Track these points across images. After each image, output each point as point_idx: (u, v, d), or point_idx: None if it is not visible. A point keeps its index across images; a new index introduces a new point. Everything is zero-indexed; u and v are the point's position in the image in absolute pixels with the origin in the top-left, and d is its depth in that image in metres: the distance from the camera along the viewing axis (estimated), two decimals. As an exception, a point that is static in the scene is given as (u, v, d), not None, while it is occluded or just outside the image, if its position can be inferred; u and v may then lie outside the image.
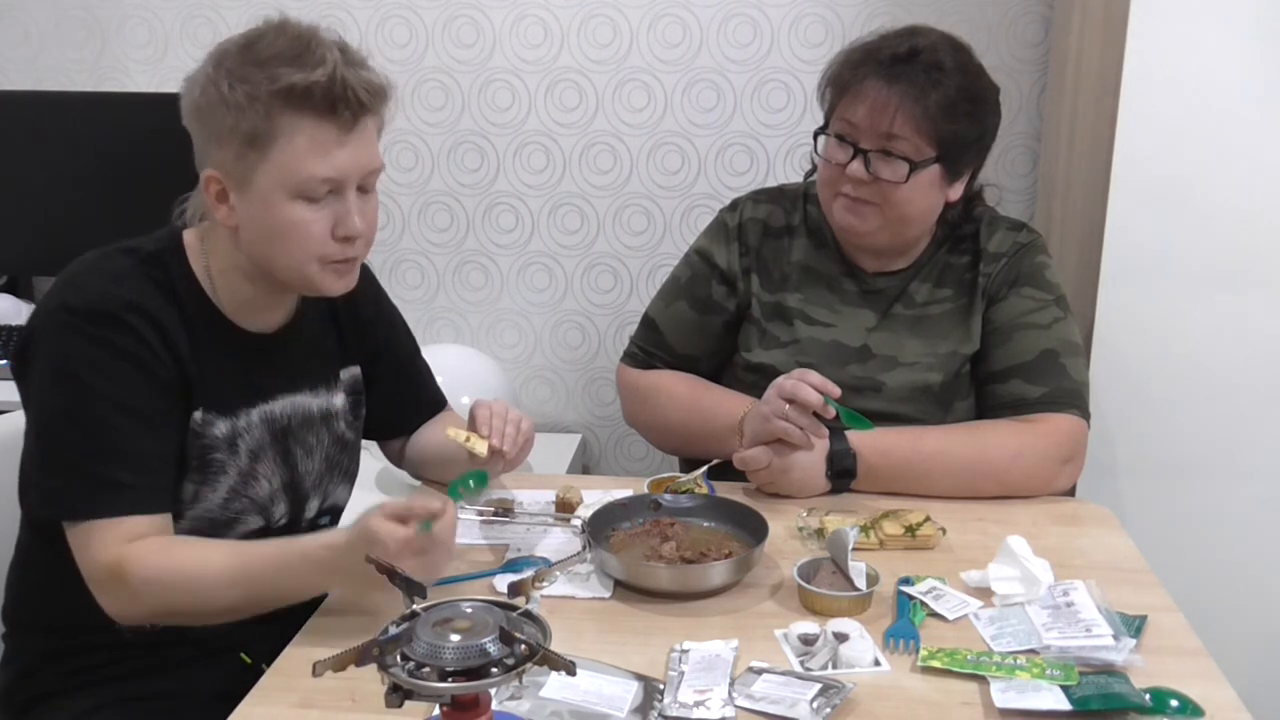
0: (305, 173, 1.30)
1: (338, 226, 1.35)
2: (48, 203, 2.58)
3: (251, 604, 1.34)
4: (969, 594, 1.39)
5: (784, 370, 1.68)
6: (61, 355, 1.33)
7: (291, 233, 1.33)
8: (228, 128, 1.30)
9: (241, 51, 1.31)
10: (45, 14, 2.68)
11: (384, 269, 2.71)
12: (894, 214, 1.69)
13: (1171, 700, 1.17)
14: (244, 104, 1.28)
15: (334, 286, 1.40)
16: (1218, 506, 2.12)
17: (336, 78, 1.29)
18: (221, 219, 1.36)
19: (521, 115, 2.62)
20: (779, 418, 1.60)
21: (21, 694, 1.47)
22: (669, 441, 1.91)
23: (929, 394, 1.75)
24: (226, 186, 1.34)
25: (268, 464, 1.46)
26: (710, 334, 1.86)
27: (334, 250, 1.36)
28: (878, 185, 1.67)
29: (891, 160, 1.65)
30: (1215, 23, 1.96)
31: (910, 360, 1.76)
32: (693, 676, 1.21)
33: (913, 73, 1.64)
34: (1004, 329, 1.76)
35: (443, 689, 0.95)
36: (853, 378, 1.73)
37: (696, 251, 1.88)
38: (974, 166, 1.76)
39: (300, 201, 1.32)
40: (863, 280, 1.81)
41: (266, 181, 1.31)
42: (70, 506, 1.34)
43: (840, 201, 1.71)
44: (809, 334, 1.78)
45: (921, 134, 1.64)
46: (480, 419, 1.55)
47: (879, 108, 1.64)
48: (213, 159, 1.34)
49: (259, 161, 1.31)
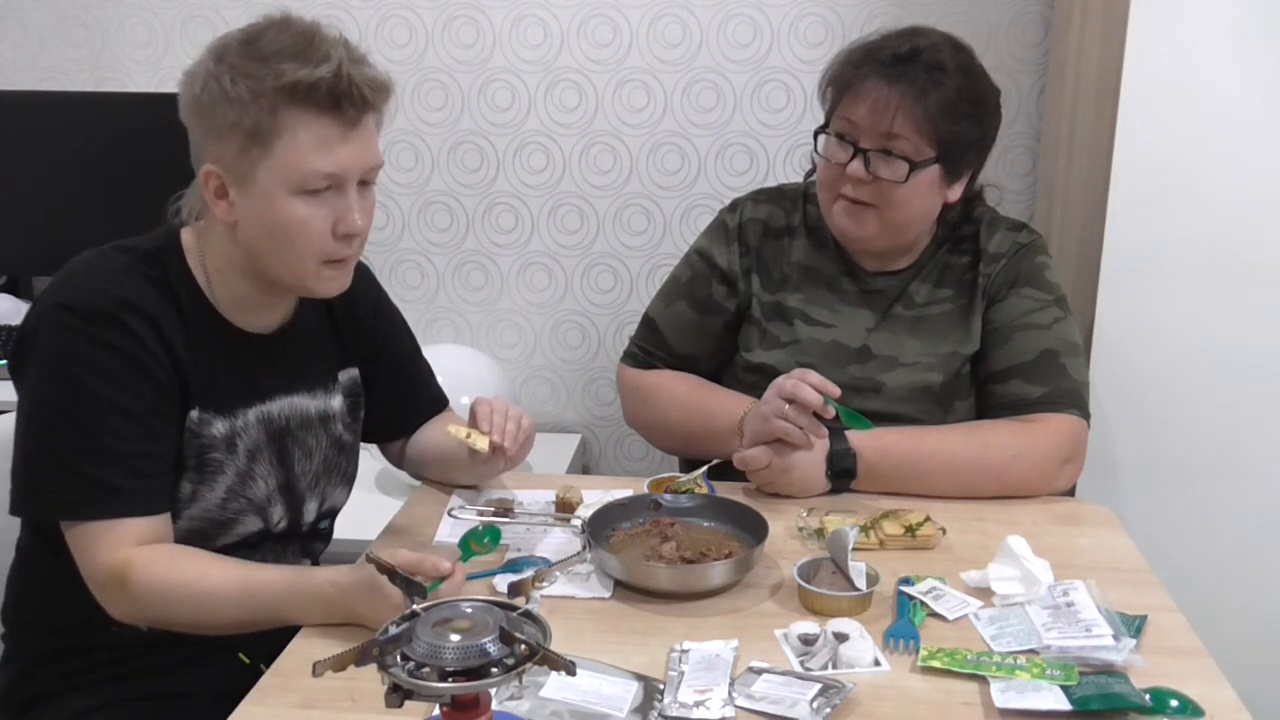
0: (308, 168, 1.30)
1: (338, 224, 1.34)
2: (48, 203, 2.58)
3: (251, 624, 1.34)
4: (969, 594, 1.39)
5: (784, 370, 1.68)
6: (55, 354, 1.32)
7: (292, 230, 1.33)
8: (230, 123, 1.29)
9: (243, 47, 1.30)
10: (45, 14, 2.68)
11: (384, 269, 2.71)
12: (892, 216, 1.69)
13: (1171, 700, 1.17)
14: (247, 99, 1.28)
15: (329, 288, 1.40)
16: (1218, 506, 2.12)
17: (342, 74, 1.29)
18: (220, 215, 1.36)
19: (521, 115, 2.62)
20: (779, 417, 1.60)
21: (21, 694, 1.47)
22: (670, 442, 1.91)
23: (929, 394, 1.75)
24: (226, 182, 1.33)
25: (264, 464, 1.46)
26: (710, 334, 1.86)
27: (333, 248, 1.36)
28: (877, 185, 1.67)
29: (891, 160, 1.65)
30: (1215, 23, 1.96)
31: (910, 360, 1.76)
32: (693, 676, 1.21)
33: (914, 72, 1.64)
34: (1004, 329, 1.76)
35: (443, 689, 0.95)
36: (852, 378, 1.73)
37: (696, 252, 1.88)
38: (974, 168, 1.76)
39: (301, 198, 1.32)
40: (862, 280, 1.81)
41: (269, 177, 1.31)
42: (62, 508, 1.34)
43: (840, 205, 1.72)
44: (809, 334, 1.78)
45: (921, 134, 1.64)
46: (481, 415, 1.55)
47: (879, 107, 1.64)
48: (212, 154, 1.33)
49: (261, 157, 1.30)
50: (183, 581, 1.32)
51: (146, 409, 1.34)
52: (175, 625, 1.37)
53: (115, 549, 1.31)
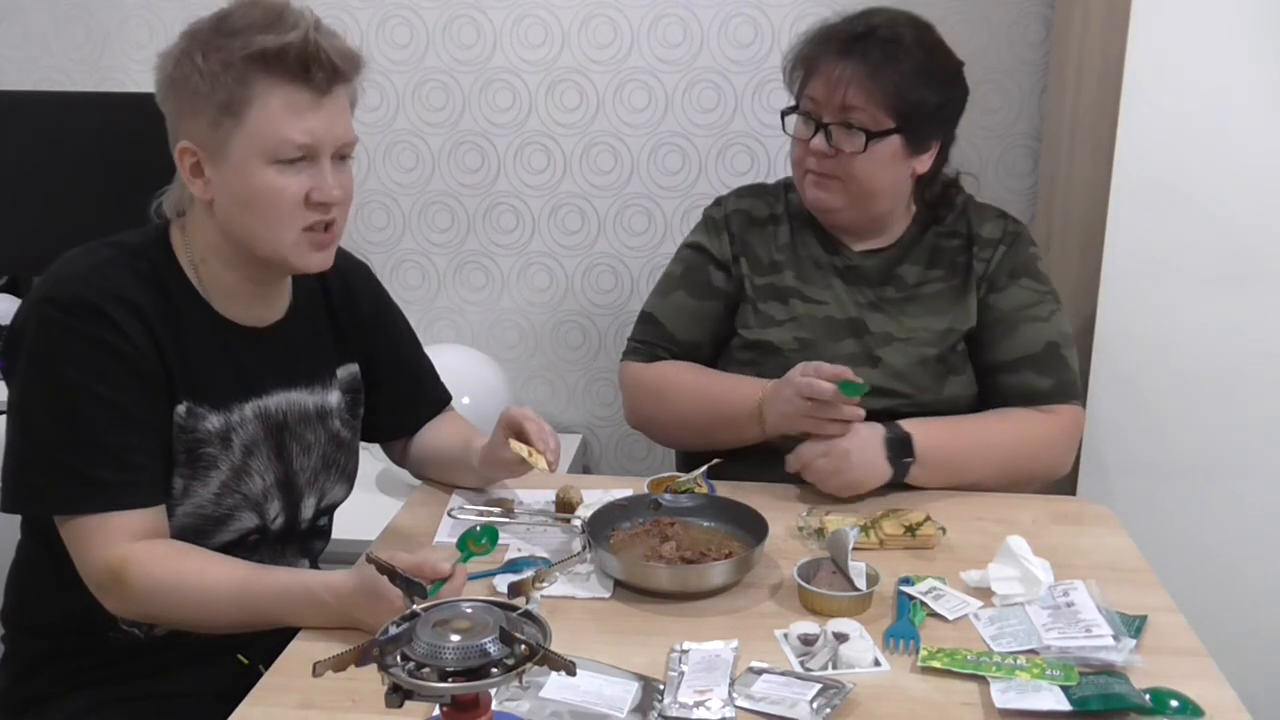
0: (280, 136, 1.31)
1: (313, 192, 1.35)
2: (48, 203, 2.58)
3: (249, 625, 1.34)
4: (969, 594, 1.39)
5: (782, 346, 1.70)
6: (41, 348, 1.32)
7: (267, 199, 1.33)
8: (202, 96, 1.31)
9: (214, 24, 1.33)
10: (45, 14, 2.68)
11: (384, 269, 2.71)
12: (857, 187, 1.75)
13: (1171, 700, 1.16)
14: (218, 71, 1.30)
15: (309, 262, 1.39)
16: (1218, 506, 2.12)
17: (310, 40, 1.31)
18: (197, 194, 1.36)
19: (522, 115, 2.62)
20: (806, 416, 1.61)
21: (21, 694, 1.47)
22: (681, 433, 1.90)
23: (925, 368, 1.77)
24: (201, 159, 1.34)
25: (261, 459, 1.46)
26: (711, 318, 1.87)
27: (308, 217, 1.36)
28: (839, 158, 1.73)
29: (850, 132, 1.71)
30: (1217, 23, 1.96)
31: (905, 336, 1.79)
32: (693, 677, 1.21)
33: (867, 47, 1.71)
34: (1008, 320, 1.79)
35: (443, 689, 0.95)
36: (849, 353, 1.76)
37: (688, 246, 1.92)
38: (940, 139, 1.80)
39: (275, 167, 1.33)
40: (849, 258, 1.84)
41: (242, 148, 1.32)
42: (51, 503, 1.34)
43: (809, 179, 1.78)
44: (805, 310, 1.81)
45: (875, 103, 1.70)
46: (533, 434, 1.54)
47: (834, 81, 1.71)
48: (186, 131, 1.34)
49: (234, 129, 1.31)
50: (180, 581, 1.32)
51: (133, 402, 1.33)
52: (172, 623, 1.37)
53: (110, 545, 1.31)
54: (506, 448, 1.53)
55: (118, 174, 2.52)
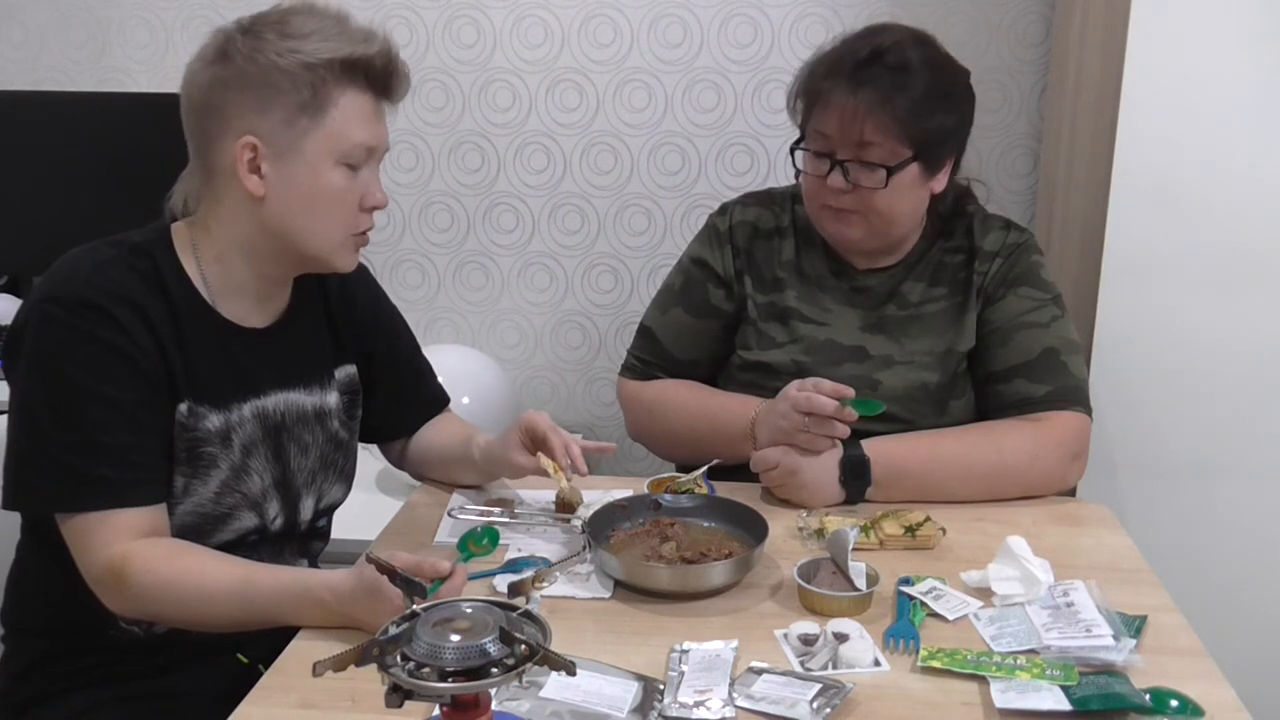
0: (354, 139, 1.37)
1: (365, 198, 1.41)
2: (48, 203, 2.59)
3: (248, 624, 1.34)
4: (969, 594, 1.39)
5: (781, 368, 1.67)
6: (41, 346, 1.32)
7: (331, 198, 1.38)
8: (282, 93, 1.33)
9: (275, 27, 1.35)
10: (45, 14, 2.68)
11: (384, 269, 2.71)
12: (879, 218, 1.70)
13: (1171, 700, 1.16)
14: (299, 71, 1.33)
15: (349, 262, 1.46)
16: (1218, 506, 2.12)
17: (392, 54, 1.39)
18: (251, 189, 1.36)
19: (522, 115, 2.62)
20: (799, 430, 1.60)
21: (21, 694, 1.47)
22: (678, 451, 1.89)
23: (925, 393, 1.74)
24: (261, 155, 1.35)
25: (260, 460, 1.46)
26: (709, 337, 1.86)
27: (361, 221, 1.42)
28: (858, 193, 1.67)
29: (868, 167, 1.65)
30: (1216, 24, 1.96)
31: (906, 359, 1.76)
32: (693, 677, 1.21)
33: (878, 76, 1.63)
34: (1004, 329, 1.75)
35: (443, 689, 0.95)
36: (849, 376, 1.73)
37: (689, 258, 1.88)
38: (954, 156, 1.76)
39: (341, 169, 1.38)
40: (853, 278, 1.81)
41: (316, 147, 1.35)
42: (51, 500, 1.34)
43: (826, 213, 1.72)
44: (806, 332, 1.78)
45: (894, 137, 1.64)
46: (556, 449, 1.54)
47: (848, 117, 1.63)
48: (251, 126, 1.34)
49: (311, 128, 1.34)
50: (181, 579, 1.32)
51: (134, 400, 1.34)
52: (172, 621, 1.37)
53: (110, 543, 1.31)
54: (518, 448, 1.55)
55: (117, 174, 2.53)
